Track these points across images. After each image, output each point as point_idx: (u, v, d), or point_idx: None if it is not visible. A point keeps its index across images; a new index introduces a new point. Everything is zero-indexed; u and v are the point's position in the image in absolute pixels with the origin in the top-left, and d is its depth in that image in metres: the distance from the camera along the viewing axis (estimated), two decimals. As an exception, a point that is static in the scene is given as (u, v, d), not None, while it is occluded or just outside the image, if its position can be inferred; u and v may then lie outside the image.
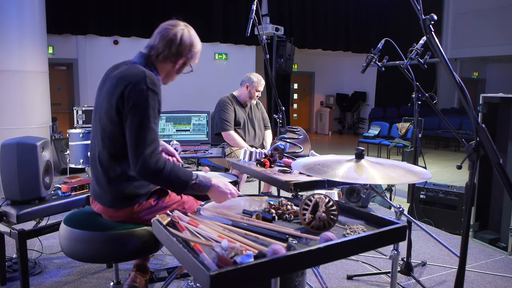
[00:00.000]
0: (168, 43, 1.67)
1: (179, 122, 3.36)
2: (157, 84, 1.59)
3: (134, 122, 1.53)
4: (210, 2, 8.81)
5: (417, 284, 2.53)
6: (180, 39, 1.67)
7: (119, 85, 1.56)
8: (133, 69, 1.61)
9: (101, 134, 1.64)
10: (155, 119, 1.57)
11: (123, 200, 1.67)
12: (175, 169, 1.57)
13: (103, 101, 1.64)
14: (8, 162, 2.29)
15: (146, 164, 1.50)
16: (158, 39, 1.68)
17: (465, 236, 1.14)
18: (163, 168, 1.53)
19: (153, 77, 1.58)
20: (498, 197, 3.41)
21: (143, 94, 1.53)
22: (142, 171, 1.52)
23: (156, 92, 1.57)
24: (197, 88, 8.97)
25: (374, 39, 8.53)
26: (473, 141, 1.10)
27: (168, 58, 1.69)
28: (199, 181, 1.60)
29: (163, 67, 1.72)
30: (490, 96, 3.36)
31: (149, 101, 1.53)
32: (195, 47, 1.73)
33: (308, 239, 1.22)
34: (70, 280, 2.52)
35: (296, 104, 13.50)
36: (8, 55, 5.14)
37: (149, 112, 1.53)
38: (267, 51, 3.01)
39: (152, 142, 1.54)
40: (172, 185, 1.59)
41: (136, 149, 1.52)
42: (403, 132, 7.80)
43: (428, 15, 1.15)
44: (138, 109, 1.53)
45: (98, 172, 1.68)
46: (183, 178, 1.57)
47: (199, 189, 1.60)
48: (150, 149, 1.52)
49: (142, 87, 1.53)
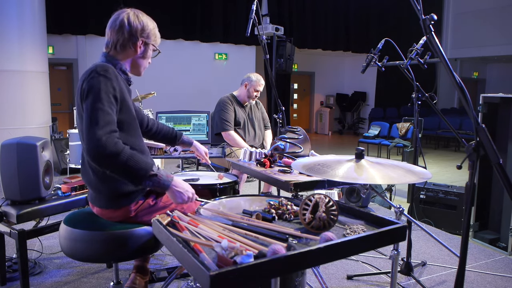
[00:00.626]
0: (119, 30, 1.68)
1: (179, 122, 3.36)
2: (109, 71, 1.58)
3: (87, 107, 1.50)
4: (210, 2, 8.81)
5: (417, 284, 2.53)
6: (128, 22, 1.68)
7: (80, 83, 1.59)
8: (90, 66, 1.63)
9: (81, 137, 1.64)
10: (110, 104, 1.52)
11: (118, 199, 1.67)
12: (135, 157, 1.48)
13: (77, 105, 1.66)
14: (8, 162, 2.29)
15: (101, 145, 1.42)
16: (109, 32, 1.71)
17: (465, 236, 1.14)
18: (120, 152, 1.44)
19: (104, 66, 1.59)
20: (498, 197, 3.41)
21: (94, 80, 1.53)
22: (96, 153, 1.43)
23: (108, 77, 1.55)
24: (197, 88, 8.98)
25: (374, 39, 8.53)
26: (473, 141, 1.10)
27: (125, 45, 1.70)
28: (160, 175, 1.52)
29: (125, 56, 1.73)
30: (490, 96, 3.36)
31: (101, 86, 1.52)
32: (146, 26, 1.73)
33: (308, 239, 1.22)
34: (70, 280, 2.52)
35: (296, 104, 13.50)
36: (8, 55, 5.14)
37: (101, 95, 1.51)
38: (267, 51, 3.01)
39: (107, 124, 1.47)
40: (129, 172, 1.47)
41: (88, 132, 1.45)
42: (403, 132, 7.80)
43: (428, 15, 1.15)
44: (90, 94, 1.51)
45: (89, 176, 1.68)
46: (143, 166, 1.48)
47: (159, 183, 1.52)
48: (105, 130, 1.45)
49: (93, 74, 1.55)
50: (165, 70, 8.37)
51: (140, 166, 1.48)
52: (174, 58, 8.60)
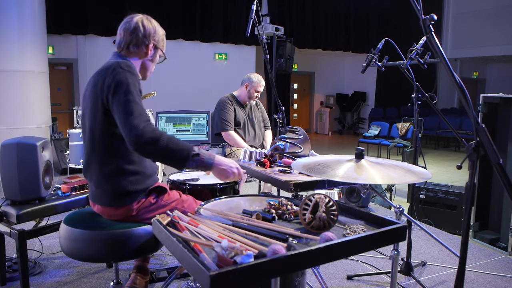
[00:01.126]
0: (133, 31, 1.75)
1: (179, 122, 3.36)
2: (132, 67, 1.64)
3: (120, 100, 1.53)
4: (210, 2, 8.81)
5: (417, 284, 2.53)
6: (142, 25, 1.76)
7: (99, 80, 1.61)
8: (107, 64, 1.67)
9: (90, 135, 1.67)
10: (138, 97, 1.58)
11: (121, 197, 1.67)
12: (174, 140, 1.51)
13: (88, 102, 1.68)
14: (8, 162, 2.29)
15: (141, 132, 1.45)
16: (123, 33, 1.76)
17: (465, 236, 1.14)
18: (159, 136, 1.47)
19: (127, 62, 1.65)
20: (498, 197, 3.41)
21: (121, 75, 1.57)
22: (137, 141, 1.45)
23: (133, 73, 1.61)
24: (197, 88, 8.97)
25: (374, 39, 8.53)
26: (473, 141, 1.10)
27: (138, 45, 1.76)
28: (202, 154, 1.55)
29: (136, 56, 1.78)
30: (490, 96, 3.36)
31: (128, 80, 1.57)
32: (158, 31, 1.81)
33: (308, 239, 1.21)
34: (70, 280, 2.52)
35: (296, 104, 13.50)
36: (8, 55, 5.14)
37: (130, 88, 1.55)
38: (267, 51, 3.01)
39: (141, 113, 1.51)
40: (171, 156, 1.50)
41: (126, 122, 1.48)
42: (403, 132, 7.80)
43: (428, 15, 1.15)
44: (119, 88, 1.55)
45: (93, 174, 1.69)
46: (183, 147, 1.51)
47: (202, 162, 1.55)
48: (141, 119, 1.49)
49: (118, 70, 1.59)
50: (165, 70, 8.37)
51: (181, 147, 1.51)
52: (174, 58, 8.58)
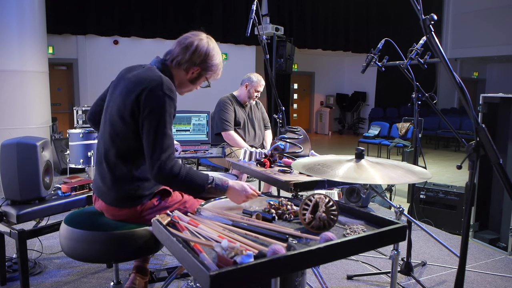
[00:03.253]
0: (184, 49, 1.70)
1: (179, 122, 3.36)
2: (173, 90, 1.60)
3: (151, 128, 1.54)
4: (210, 2, 8.80)
5: (417, 284, 2.53)
6: (195, 46, 1.70)
7: (136, 88, 1.57)
8: (149, 73, 1.62)
9: (110, 133, 1.65)
10: (170, 125, 1.60)
11: (126, 200, 1.67)
12: (191, 174, 1.58)
13: (116, 101, 1.65)
14: (8, 162, 2.29)
15: (162, 169, 1.52)
16: (176, 45, 1.72)
17: (465, 236, 1.14)
18: (178, 173, 1.55)
19: (169, 83, 1.60)
20: (498, 197, 3.41)
21: (160, 100, 1.55)
22: (159, 176, 1.54)
23: (172, 98, 1.59)
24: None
25: (374, 39, 8.54)
26: (473, 141, 1.10)
27: (181, 64, 1.71)
28: (215, 185, 1.63)
29: (177, 73, 1.74)
30: (490, 96, 3.36)
31: (166, 107, 1.55)
32: (211, 58, 1.73)
33: (308, 239, 1.21)
34: (70, 280, 2.52)
35: (296, 104, 13.50)
36: (8, 55, 5.14)
37: (165, 118, 1.55)
38: (267, 51, 3.01)
39: (168, 147, 1.55)
40: (188, 189, 1.64)
41: (153, 155, 1.53)
42: (403, 132, 7.80)
43: (428, 15, 1.15)
44: (155, 115, 1.54)
45: (104, 171, 1.68)
46: (199, 182, 1.60)
47: (216, 192, 1.64)
48: (166, 154, 1.54)
49: (159, 93, 1.55)
50: (165, 70, 8.36)
51: (197, 182, 1.60)
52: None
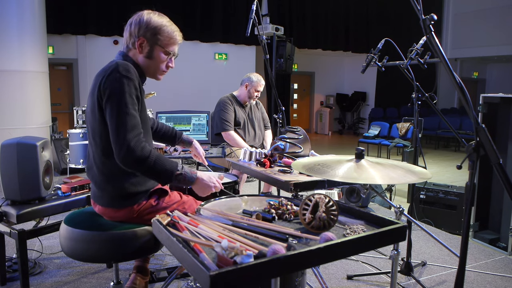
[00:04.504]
0: (128, 28, 1.68)
1: (179, 122, 3.36)
2: (131, 71, 1.57)
3: (112, 110, 1.51)
4: (210, 2, 8.81)
5: (417, 284, 2.53)
6: (131, 22, 1.67)
7: (97, 81, 1.58)
8: (108, 64, 1.62)
9: (91, 134, 1.65)
10: (134, 106, 1.55)
11: (122, 199, 1.67)
12: (161, 159, 1.55)
13: (88, 102, 1.66)
14: (8, 162, 2.29)
15: (131, 150, 1.48)
16: (125, 31, 1.71)
17: (465, 236, 1.14)
18: (148, 156, 1.51)
19: (126, 65, 1.58)
20: (498, 197, 3.41)
21: (117, 82, 1.53)
22: (127, 158, 1.49)
23: (131, 78, 1.55)
24: (197, 88, 8.98)
25: (374, 39, 8.53)
26: (473, 141, 1.10)
27: (129, 45, 1.69)
28: (185, 172, 1.61)
29: (134, 56, 1.70)
30: (490, 96, 3.36)
31: (125, 88, 1.53)
32: (150, 23, 1.65)
33: (308, 239, 1.21)
34: (70, 280, 2.52)
35: (296, 104, 13.50)
36: (8, 55, 5.14)
37: (126, 99, 1.52)
38: (267, 51, 3.01)
39: (134, 127, 1.52)
40: (156, 174, 1.56)
41: (117, 136, 1.49)
42: (403, 132, 7.80)
43: (428, 15, 1.15)
44: (114, 97, 1.52)
45: (95, 173, 1.68)
46: (168, 167, 1.56)
47: (184, 180, 1.61)
48: (133, 134, 1.50)
49: (116, 75, 1.53)
50: (165, 70, 8.37)
51: (166, 168, 1.56)
52: (174, 58, 8.60)
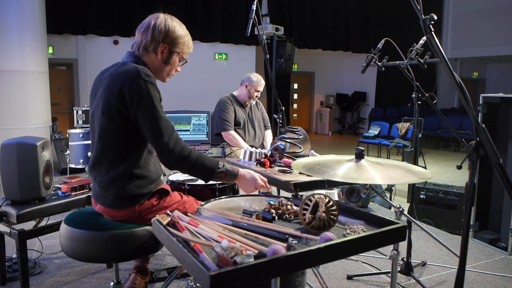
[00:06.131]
0: (144, 32, 1.69)
1: (179, 122, 3.36)
2: (151, 76, 1.61)
3: (145, 117, 1.56)
4: (210, 2, 8.81)
5: (417, 284, 2.53)
6: (153, 25, 1.68)
7: (115, 84, 1.58)
8: (124, 67, 1.62)
9: (99, 135, 1.65)
10: (162, 109, 1.61)
11: (124, 200, 1.67)
12: (201, 157, 1.63)
13: (99, 103, 1.65)
14: (8, 162, 2.29)
15: (171, 152, 1.56)
16: (137, 33, 1.72)
17: (465, 236, 1.14)
18: (188, 155, 1.59)
19: (145, 70, 1.61)
20: (498, 197, 3.41)
21: (143, 88, 1.56)
22: (169, 160, 1.57)
23: (153, 83, 1.60)
24: (197, 88, 8.98)
25: (374, 39, 8.53)
26: (473, 141, 1.10)
27: (148, 47, 1.69)
28: (226, 170, 1.67)
29: (149, 59, 1.72)
30: (490, 96, 3.36)
31: (151, 93, 1.57)
32: (173, 31, 1.69)
33: (308, 239, 1.21)
34: (70, 280, 2.52)
35: (296, 104, 13.50)
36: (8, 55, 5.14)
37: (155, 103, 1.57)
38: (267, 51, 3.01)
39: (168, 129, 1.58)
40: (198, 172, 1.65)
41: (156, 141, 1.56)
42: (403, 132, 7.81)
43: (428, 15, 1.15)
44: (143, 103, 1.55)
45: (99, 173, 1.68)
46: (209, 166, 1.64)
47: (226, 177, 1.68)
48: (170, 136, 1.57)
49: (139, 82, 1.56)
50: (165, 70, 8.37)
51: (207, 166, 1.64)
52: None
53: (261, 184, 1.71)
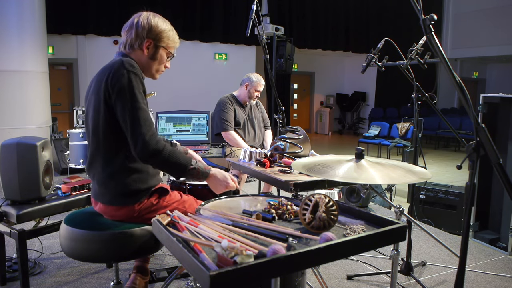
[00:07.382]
0: (128, 31, 1.72)
1: (179, 122, 3.36)
2: (136, 67, 1.62)
3: (124, 106, 1.56)
4: (210, 2, 8.81)
5: (417, 284, 2.53)
6: (136, 22, 1.72)
7: (102, 77, 1.61)
8: (110, 62, 1.66)
9: (93, 131, 1.66)
10: (143, 100, 1.60)
11: (124, 197, 1.67)
12: (175, 153, 1.61)
13: (91, 100, 1.67)
14: (8, 162, 2.29)
15: (146, 144, 1.54)
16: (123, 33, 1.75)
17: (465, 236, 1.14)
18: (162, 149, 1.57)
19: (130, 61, 1.63)
20: (498, 197, 3.41)
21: (125, 78, 1.57)
22: (143, 151, 1.55)
23: (137, 74, 1.61)
24: (197, 88, 8.98)
25: (374, 39, 8.54)
26: (473, 141, 1.10)
27: (134, 45, 1.72)
28: (198, 167, 1.66)
29: (136, 56, 1.74)
30: (490, 96, 3.36)
31: (133, 83, 1.57)
32: (156, 26, 1.72)
33: (308, 239, 1.21)
34: (70, 280, 2.52)
35: (296, 104, 13.50)
36: (8, 55, 5.14)
37: (135, 94, 1.57)
38: (267, 51, 3.01)
39: (146, 120, 1.57)
40: (170, 167, 1.63)
41: (133, 131, 1.55)
42: (403, 132, 7.80)
43: (428, 15, 1.14)
44: (124, 93, 1.56)
45: (97, 171, 1.69)
46: (182, 161, 1.63)
47: (198, 175, 1.67)
48: (146, 128, 1.55)
49: (122, 71, 1.57)
50: (165, 70, 8.37)
51: (180, 161, 1.62)
52: (174, 58, 8.60)
53: (232, 185, 1.73)
